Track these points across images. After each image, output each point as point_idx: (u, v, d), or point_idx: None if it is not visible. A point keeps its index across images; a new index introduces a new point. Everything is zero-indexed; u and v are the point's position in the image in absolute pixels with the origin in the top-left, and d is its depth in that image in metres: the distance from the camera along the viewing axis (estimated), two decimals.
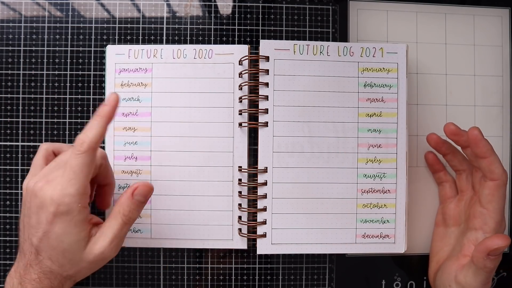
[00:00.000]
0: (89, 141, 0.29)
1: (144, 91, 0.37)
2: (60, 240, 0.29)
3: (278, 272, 0.39)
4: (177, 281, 0.39)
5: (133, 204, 0.31)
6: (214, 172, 0.37)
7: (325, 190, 0.37)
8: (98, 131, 0.29)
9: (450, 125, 0.34)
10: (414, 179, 0.40)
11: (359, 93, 0.37)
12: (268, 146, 0.37)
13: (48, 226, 0.29)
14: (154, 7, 0.39)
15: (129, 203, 0.31)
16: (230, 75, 0.37)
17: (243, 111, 0.37)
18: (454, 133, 0.34)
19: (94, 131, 0.29)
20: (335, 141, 0.37)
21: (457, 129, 0.34)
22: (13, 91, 0.39)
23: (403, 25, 0.40)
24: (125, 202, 0.31)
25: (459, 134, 0.34)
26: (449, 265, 0.35)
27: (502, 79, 0.41)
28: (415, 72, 0.40)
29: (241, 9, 0.39)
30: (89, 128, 0.29)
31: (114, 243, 0.31)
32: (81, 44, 0.39)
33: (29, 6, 0.39)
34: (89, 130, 0.29)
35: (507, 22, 0.41)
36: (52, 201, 0.29)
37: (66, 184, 0.29)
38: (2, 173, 0.38)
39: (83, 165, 0.29)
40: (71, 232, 0.29)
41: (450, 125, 0.34)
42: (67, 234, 0.29)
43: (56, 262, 0.30)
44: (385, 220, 0.37)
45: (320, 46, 0.37)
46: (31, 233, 0.30)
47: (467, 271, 0.33)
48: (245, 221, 0.37)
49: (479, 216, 0.34)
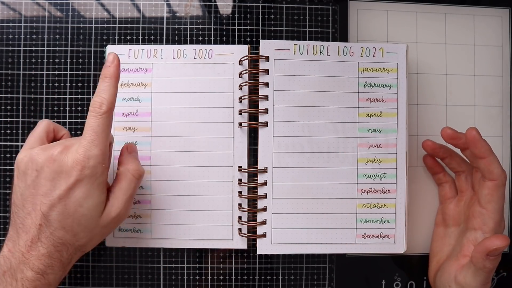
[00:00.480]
0: (107, 102, 0.29)
1: (144, 91, 0.37)
2: (79, 204, 0.29)
3: (278, 272, 0.39)
4: (177, 281, 0.39)
5: (135, 159, 0.33)
6: (214, 172, 0.37)
7: (325, 190, 0.37)
8: (112, 92, 0.30)
9: (447, 129, 0.34)
10: (414, 179, 0.40)
11: (359, 93, 0.37)
12: (268, 146, 0.37)
13: (67, 191, 0.29)
14: (154, 7, 0.39)
15: (132, 159, 0.32)
16: (230, 75, 0.37)
17: (243, 111, 0.37)
18: (451, 137, 0.34)
19: (109, 92, 0.30)
20: (335, 141, 0.37)
21: (454, 132, 0.34)
22: (13, 91, 0.39)
23: (403, 25, 0.40)
24: (127, 160, 0.32)
25: (457, 138, 0.34)
26: (449, 265, 0.35)
27: (502, 79, 0.41)
28: (415, 72, 0.40)
29: (241, 9, 0.39)
30: (103, 90, 0.30)
31: (128, 203, 0.32)
32: (81, 44, 0.39)
33: (29, 6, 0.39)
34: (104, 92, 0.30)
35: (507, 22, 0.41)
36: (76, 163, 0.28)
37: (89, 145, 0.29)
38: (2, 173, 0.38)
39: (104, 125, 0.29)
40: (92, 195, 0.29)
41: (446, 129, 0.34)
42: (88, 197, 0.29)
43: (70, 231, 0.29)
44: (385, 220, 0.37)
45: (320, 46, 0.37)
46: (40, 203, 0.29)
47: (466, 272, 0.33)
48: (245, 221, 0.37)
49: (478, 216, 0.34)
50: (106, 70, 0.30)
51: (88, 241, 0.31)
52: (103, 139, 0.29)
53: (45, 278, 0.29)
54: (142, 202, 0.37)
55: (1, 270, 0.29)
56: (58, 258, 0.29)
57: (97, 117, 0.29)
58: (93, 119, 0.29)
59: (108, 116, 0.30)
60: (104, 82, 0.30)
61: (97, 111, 0.29)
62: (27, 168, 0.30)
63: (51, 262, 0.29)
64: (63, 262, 0.30)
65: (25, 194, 0.29)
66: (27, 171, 0.30)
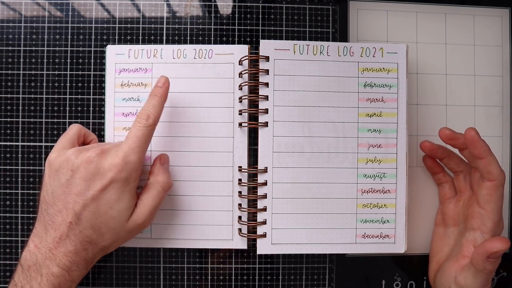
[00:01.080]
0: (153, 116, 0.32)
1: (144, 91, 0.37)
2: (110, 206, 0.30)
3: (278, 272, 0.39)
4: (177, 281, 0.39)
5: (166, 171, 0.34)
6: (214, 172, 0.37)
7: (325, 190, 0.37)
8: (159, 109, 0.33)
9: (445, 130, 0.34)
10: (414, 179, 0.40)
11: (359, 93, 0.37)
12: (268, 146, 0.37)
13: (100, 192, 0.30)
14: (154, 7, 0.39)
15: (163, 170, 0.34)
16: (230, 75, 0.37)
17: (243, 111, 0.37)
18: (449, 137, 0.34)
19: (157, 108, 0.33)
20: (335, 141, 0.37)
21: (452, 133, 0.34)
22: (13, 91, 0.39)
23: (403, 25, 0.40)
24: (158, 171, 0.34)
25: (455, 138, 0.34)
26: (448, 266, 0.35)
27: (502, 79, 0.41)
28: (415, 72, 0.40)
29: (241, 9, 0.39)
30: (152, 105, 0.33)
31: (154, 212, 0.33)
32: (81, 44, 0.39)
33: (29, 6, 0.39)
34: (152, 107, 0.33)
35: (507, 22, 0.41)
36: (114, 166, 0.30)
37: (130, 151, 0.31)
38: (2, 173, 0.38)
39: (147, 136, 0.32)
40: (124, 199, 0.31)
41: (444, 130, 0.34)
42: (119, 200, 0.31)
43: (98, 230, 0.30)
44: (385, 220, 0.37)
45: (320, 46, 0.37)
46: (73, 201, 0.30)
47: (466, 273, 0.33)
48: (245, 221, 0.37)
49: (477, 217, 0.34)
50: (157, 90, 0.34)
51: (112, 242, 0.32)
52: (143, 149, 0.32)
53: (69, 275, 0.30)
54: None
55: (26, 264, 0.29)
56: (84, 256, 0.30)
57: (142, 128, 0.32)
58: (138, 129, 0.32)
59: (152, 129, 0.32)
60: (154, 99, 0.33)
61: (144, 122, 0.32)
62: (61, 167, 0.31)
63: (77, 259, 0.30)
64: (87, 260, 0.31)
65: (57, 192, 0.31)
66: (62, 170, 0.31)
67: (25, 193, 0.38)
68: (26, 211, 0.38)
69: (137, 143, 0.31)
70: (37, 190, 0.38)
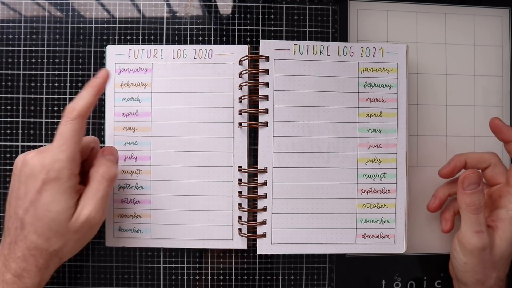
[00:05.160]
0: (79, 108, 0.30)
1: (144, 91, 0.37)
2: (47, 209, 0.29)
3: (278, 272, 0.39)
4: (177, 281, 0.39)
5: (107, 161, 0.32)
6: (214, 172, 0.37)
7: (325, 190, 0.37)
8: (88, 100, 0.30)
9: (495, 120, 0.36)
10: (414, 179, 0.40)
11: (359, 93, 0.37)
12: (268, 146, 0.37)
13: (36, 195, 0.29)
14: (154, 7, 0.39)
15: (104, 161, 0.32)
16: (230, 75, 0.37)
17: (243, 111, 0.37)
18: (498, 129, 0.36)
19: (84, 100, 0.30)
20: (335, 141, 0.37)
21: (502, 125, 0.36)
22: (13, 91, 0.39)
23: (403, 25, 0.40)
24: (98, 163, 0.32)
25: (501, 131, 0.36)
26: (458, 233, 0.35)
27: (502, 79, 0.41)
28: (415, 72, 0.40)
29: (241, 9, 0.39)
30: (80, 97, 0.30)
31: (99, 205, 0.31)
32: (81, 44, 0.39)
33: (29, 6, 0.39)
34: (80, 99, 0.30)
35: (507, 22, 0.41)
36: (43, 167, 0.29)
37: (56, 150, 0.29)
38: (2, 173, 0.38)
39: (73, 131, 0.30)
40: (59, 200, 0.29)
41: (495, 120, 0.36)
42: (55, 202, 0.29)
43: (42, 235, 0.29)
44: (385, 220, 0.37)
45: (320, 46, 0.37)
46: (18, 206, 0.30)
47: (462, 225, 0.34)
48: (245, 221, 0.37)
49: (506, 195, 0.34)
50: (92, 80, 0.32)
51: (61, 246, 0.30)
52: (70, 146, 0.30)
53: (21, 282, 0.29)
54: (142, 202, 0.37)
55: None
56: (34, 263, 0.29)
57: (67, 123, 0.30)
58: (63, 124, 0.30)
59: (78, 122, 0.30)
60: (85, 90, 0.31)
61: (68, 116, 0.30)
62: (14, 170, 0.31)
63: (26, 265, 0.29)
64: (39, 268, 0.30)
65: (9, 197, 0.31)
66: (13, 176, 0.31)
67: None
68: None
69: (62, 140, 0.29)
70: None
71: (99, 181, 0.31)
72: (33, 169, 0.29)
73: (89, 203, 0.30)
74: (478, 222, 0.33)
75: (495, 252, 0.33)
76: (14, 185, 0.30)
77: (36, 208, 0.29)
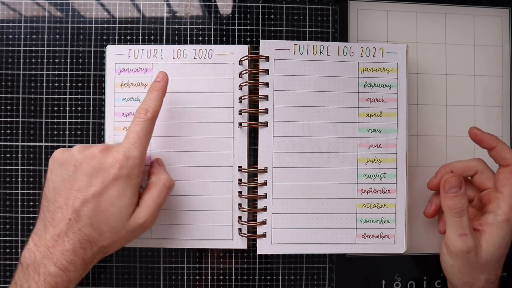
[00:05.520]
0: (152, 110, 0.32)
1: (144, 91, 0.37)
2: (111, 203, 0.30)
3: (278, 272, 0.39)
4: (177, 281, 0.39)
5: (165, 170, 0.34)
6: (214, 172, 0.37)
7: (325, 190, 0.37)
8: (157, 103, 0.33)
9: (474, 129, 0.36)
10: (414, 179, 0.40)
11: (359, 93, 0.37)
12: (268, 146, 0.37)
13: (102, 189, 0.30)
14: (154, 7, 0.39)
15: (163, 170, 0.34)
16: (230, 75, 0.37)
17: (243, 111, 0.37)
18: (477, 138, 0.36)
19: (155, 102, 0.33)
20: (335, 141, 0.37)
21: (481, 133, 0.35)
22: (13, 91, 0.39)
23: (403, 25, 0.40)
24: (158, 171, 0.34)
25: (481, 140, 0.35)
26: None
27: (502, 79, 0.41)
28: (415, 72, 0.40)
29: (241, 9, 0.39)
30: (150, 100, 0.33)
31: (157, 212, 0.32)
32: (81, 44, 0.39)
33: (29, 6, 0.39)
34: (150, 101, 0.33)
35: (507, 22, 0.41)
36: (115, 162, 0.30)
37: (130, 147, 0.31)
38: (2, 173, 0.38)
39: (146, 131, 0.32)
40: (125, 196, 0.30)
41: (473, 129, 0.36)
42: (121, 197, 0.30)
43: (98, 228, 0.30)
44: (385, 220, 0.37)
45: (320, 46, 0.37)
46: (75, 197, 0.30)
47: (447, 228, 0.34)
48: (245, 221, 0.37)
49: (494, 200, 0.34)
50: (156, 84, 0.34)
51: (112, 242, 0.31)
52: (143, 144, 0.31)
53: (66, 275, 0.29)
54: None
55: (25, 263, 0.29)
56: (82, 256, 0.30)
57: (141, 123, 0.32)
58: (137, 124, 0.32)
59: (151, 123, 0.32)
60: (152, 93, 0.33)
61: (142, 117, 0.32)
62: (64, 162, 0.31)
63: (75, 258, 0.29)
64: (86, 261, 0.30)
65: (58, 188, 0.30)
66: (65, 166, 0.31)
67: (25, 193, 0.38)
68: (26, 211, 0.38)
69: (136, 138, 0.31)
70: (37, 190, 0.38)
71: (161, 189, 0.32)
72: (103, 163, 0.30)
73: (148, 208, 0.32)
74: (462, 225, 0.33)
75: (481, 255, 0.33)
76: (65, 178, 0.30)
77: (98, 201, 0.30)
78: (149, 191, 0.32)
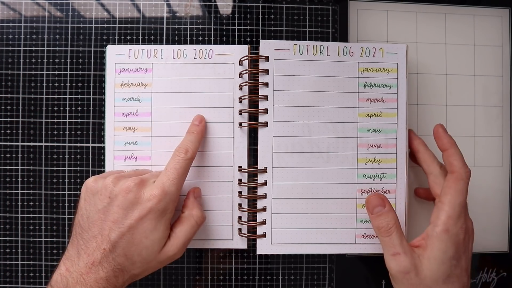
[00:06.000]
0: (191, 151, 0.34)
1: (144, 91, 0.37)
2: (145, 236, 0.30)
3: (278, 272, 0.39)
4: (177, 281, 0.39)
5: (199, 204, 0.35)
6: (214, 172, 0.37)
7: (325, 190, 0.37)
8: (197, 145, 0.35)
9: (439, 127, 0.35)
10: (414, 179, 0.40)
11: (359, 93, 0.37)
12: (268, 146, 0.37)
13: (137, 222, 0.30)
14: (154, 7, 0.39)
15: (197, 204, 0.35)
16: (230, 75, 0.37)
17: (243, 111, 0.37)
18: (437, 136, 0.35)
19: (195, 144, 0.35)
20: (335, 141, 0.37)
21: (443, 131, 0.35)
22: (13, 91, 0.39)
23: (403, 25, 0.40)
24: (192, 205, 0.34)
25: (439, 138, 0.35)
26: None
27: (502, 79, 0.41)
28: (415, 72, 0.40)
29: (241, 9, 0.39)
30: (189, 141, 0.35)
31: (185, 245, 0.33)
32: (81, 44, 0.39)
33: (29, 6, 0.39)
34: (190, 142, 0.34)
35: (507, 22, 0.41)
36: (153, 197, 0.31)
37: (169, 183, 0.32)
38: (2, 173, 0.38)
39: (185, 169, 0.33)
40: (159, 229, 0.31)
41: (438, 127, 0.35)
42: (155, 230, 0.31)
43: (130, 259, 0.30)
44: None
45: (320, 46, 0.37)
46: (108, 228, 0.30)
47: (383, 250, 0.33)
48: (245, 221, 0.37)
49: (435, 210, 0.33)
50: (194, 127, 0.36)
51: (142, 271, 0.32)
52: (180, 181, 0.33)
53: None
54: None
55: (57, 287, 0.29)
56: (114, 283, 0.30)
57: (181, 161, 0.33)
58: (176, 161, 0.33)
59: (189, 163, 0.33)
60: (192, 135, 0.35)
61: (182, 156, 0.33)
62: (98, 193, 0.31)
63: (107, 286, 0.30)
64: (117, 287, 0.30)
65: (92, 218, 0.31)
66: (99, 196, 0.31)
67: (25, 193, 0.38)
68: (26, 211, 0.38)
69: (175, 175, 0.32)
70: (37, 190, 0.38)
71: (192, 225, 0.33)
72: (140, 197, 0.31)
73: (179, 241, 0.32)
74: (392, 243, 0.32)
75: (424, 275, 0.30)
76: (100, 209, 0.31)
77: (133, 234, 0.30)
78: (181, 225, 0.33)
